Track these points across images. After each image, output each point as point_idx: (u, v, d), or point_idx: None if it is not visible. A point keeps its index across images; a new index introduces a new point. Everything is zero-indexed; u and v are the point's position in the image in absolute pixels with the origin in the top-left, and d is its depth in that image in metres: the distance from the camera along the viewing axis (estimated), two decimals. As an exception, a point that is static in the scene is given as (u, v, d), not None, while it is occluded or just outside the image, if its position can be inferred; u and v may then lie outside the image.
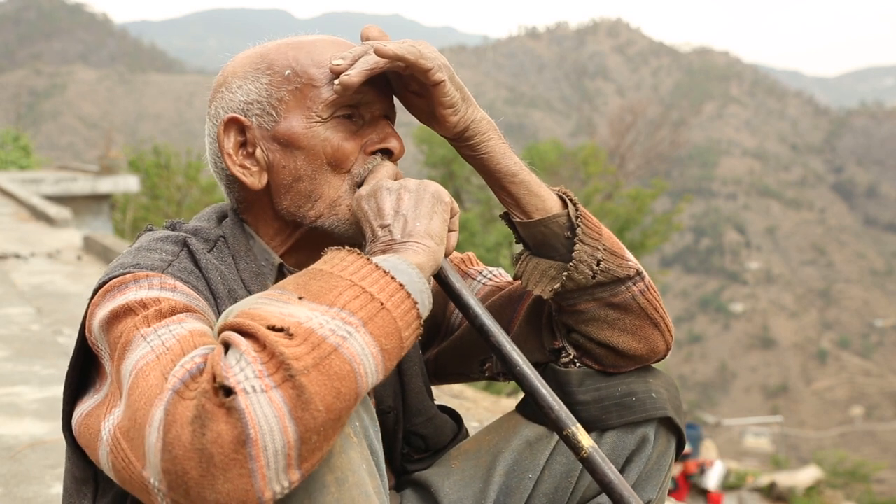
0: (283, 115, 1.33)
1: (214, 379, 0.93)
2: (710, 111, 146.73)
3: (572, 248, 1.38)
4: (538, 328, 1.47)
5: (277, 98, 1.34)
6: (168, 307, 1.13)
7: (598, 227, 1.41)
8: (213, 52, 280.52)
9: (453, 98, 1.33)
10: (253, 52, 1.40)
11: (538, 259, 1.42)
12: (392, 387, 1.47)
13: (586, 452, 1.24)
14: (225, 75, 1.39)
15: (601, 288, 1.38)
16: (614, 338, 1.40)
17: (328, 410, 0.96)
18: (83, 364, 1.24)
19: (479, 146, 1.38)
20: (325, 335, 0.99)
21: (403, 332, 1.07)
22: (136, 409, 0.99)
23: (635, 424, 1.41)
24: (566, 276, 1.36)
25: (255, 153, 1.35)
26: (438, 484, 1.45)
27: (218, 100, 1.38)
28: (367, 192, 1.29)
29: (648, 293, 1.41)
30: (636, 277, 1.40)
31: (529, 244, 1.44)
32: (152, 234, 1.35)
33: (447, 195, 1.29)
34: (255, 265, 1.35)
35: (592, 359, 1.43)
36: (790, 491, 14.51)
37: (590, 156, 25.40)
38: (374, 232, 1.24)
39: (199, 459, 0.91)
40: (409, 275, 1.13)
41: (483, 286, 1.57)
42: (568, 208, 1.40)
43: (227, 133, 1.35)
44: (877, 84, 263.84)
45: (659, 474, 1.45)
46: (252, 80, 1.35)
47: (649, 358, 1.43)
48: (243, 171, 1.35)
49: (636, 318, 1.40)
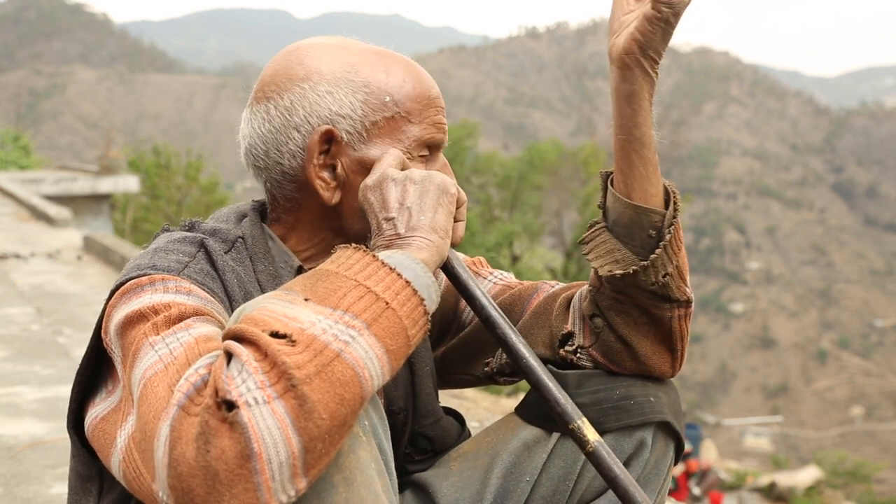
0: (373, 141, 1.31)
1: (217, 393, 0.93)
2: (710, 111, 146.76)
3: (649, 247, 1.35)
4: (546, 320, 1.46)
5: (372, 121, 1.31)
6: (177, 313, 1.12)
7: (681, 242, 1.38)
8: (213, 52, 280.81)
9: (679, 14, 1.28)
10: (340, 54, 1.35)
11: (610, 237, 1.39)
12: (404, 387, 1.46)
13: (592, 447, 1.22)
14: (308, 70, 1.33)
15: (650, 295, 1.36)
16: (635, 338, 1.39)
17: (332, 417, 0.96)
18: (95, 363, 1.24)
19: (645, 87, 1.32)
20: (328, 341, 0.98)
21: (410, 329, 1.07)
22: (145, 422, 1.00)
23: (633, 428, 1.39)
24: (633, 270, 1.34)
25: (336, 168, 1.32)
26: (436, 485, 1.45)
27: (298, 95, 1.32)
28: (373, 182, 1.26)
29: (684, 321, 1.40)
30: (684, 304, 1.38)
31: (610, 218, 1.40)
32: (170, 234, 1.33)
33: (453, 186, 1.27)
34: (272, 267, 1.34)
35: (603, 350, 1.41)
36: (790, 491, 14.52)
37: (590, 156, 25.43)
38: (379, 225, 1.23)
39: (205, 477, 0.92)
40: (414, 270, 1.12)
41: (494, 285, 1.56)
42: (668, 211, 1.37)
43: (319, 140, 1.31)
44: (877, 84, 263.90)
45: (657, 478, 1.43)
46: (346, 92, 1.31)
47: (653, 372, 1.42)
48: (322, 183, 1.32)
49: (661, 335, 1.39)
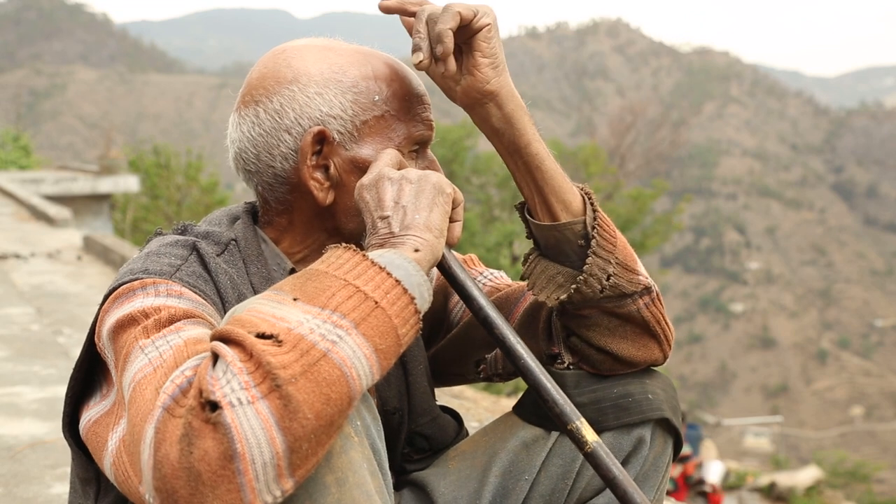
0: (364, 140, 1.32)
1: (201, 394, 0.93)
2: (710, 111, 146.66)
3: (584, 256, 1.35)
4: (535, 332, 1.46)
5: (363, 121, 1.32)
6: (167, 316, 1.12)
7: (614, 237, 1.37)
8: (213, 52, 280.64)
9: (494, 48, 1.30)
10: (328, 55, 1.35)
11: (547, 262, 1.40)
12: (397, 387, 1.46)
13: (590, 447, 1.22)
14: (296, 72, 1.33)
15: (607, 300, 1.36)
16: (613, 344, 1.39)
17: (318, 417, 0.96)
18: (89, 367, 1.24)
19: (511, 115, 1.33)
20: (315, 341, 0.98)
21: (400, 329, 1.06)
22: (133, 424, 1.00)
23: (631, 426, 1.40)
24: (574, 288, 1.34)
25: (329, 168, 1.33)
26: (434, 484, 1.45)
27: (287, 98, 1.33)
28: (370, 181, 1.26)
29: (653, 306, 1.39)
30: (643, 291, 1.38)
31: (540, 244, 1.41)
32: (162, 238, 1.34)
33: (449, 186, 1.27)
34: (265, 270, 1.34)
35: (589, 363, 1.42)
36: (790, 491, 14.50)
37: (590, 156, 25.41)
38: (374, 223, 1.23)
39: (188, 478, 0.92)
40: (405, 269, 1.11)
41: (482, 286, 1.56)
42: (587, 213, 1.36)
43: (312, 142, 1.32)
44: (877, 84, 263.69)
45: (656, 475, 1.44)
46: (335, 93, 1.32)
47: (645, 364, 1.42)
48: (316, 184, 1.33)
49: (637, 327, 1.39)
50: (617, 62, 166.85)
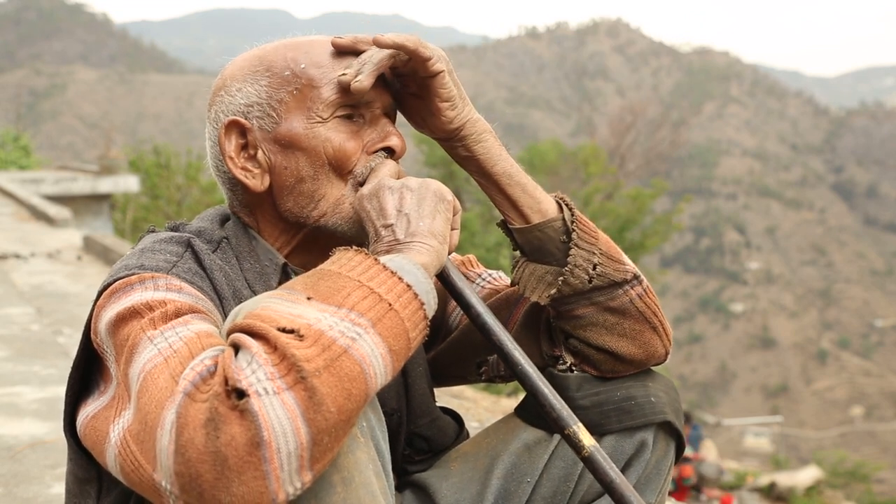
0: (283, 117, 1.34)
1: (226, 381, 0.94)
2: (710, 111, 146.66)
3: (568, 252, 1.38)
4: (536, 335, 1.47)
5: (277, 100, 1.34)
6: (174, 309, 1.13)
7: (594, 232, 1.40)
8: (213, 52, 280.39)
9: (451, 91, 1.35)
10: (251, 55, 1.40)
11: (534, 265, 1.42)
12: (395, 388, 1.46)
13: (587, 452, 1.23)
14: (224, 79, 1.40)
15: (598, 292, 1.38)
16: (613, 343, 1.39)
17: (339, 412, 0.97)
18: (86, 365, 1.24)
19: (474, 146, 1.39)
20: (335, 337, 0.99)
21: (411, 332, 1.08)
22: (146, 413, 0.99)
23: (634, 429, 1.40)
24: (562, 280, 1.37)
25: (257, 155, 1.35)
26: (436, 485, 1.45)
27: (217, 103, 1.38)
28: (369, 191, 1.29)
29: (646, 297, 1.41)
30: (633, 281, 1.39)
31: (525, 250, 1.44)
32: (155, 235, 1.35)
33: (449, 193, 1.29)
34: (258, 265, 1.36)
35: (591, 364, 1.42)
36: (790, 491, 14.50)
37: (590, 156, 25.42)
38: (378, 232, 1.24)
39: (214, 462, 0.92)
40: (415, 275, 1.13)
41: (482, 289, 1.57)
42: (564, 213, 1.40)
43: (229, 136, 1.35)
44: (877, 84, 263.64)
45: (658, 478, 1.44)
46: (251, 83, 1.36)
47: (647, 362, 1.43)
48: (245, 173, 1.35)
49: (635, 322, 1.40)
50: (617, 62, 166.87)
